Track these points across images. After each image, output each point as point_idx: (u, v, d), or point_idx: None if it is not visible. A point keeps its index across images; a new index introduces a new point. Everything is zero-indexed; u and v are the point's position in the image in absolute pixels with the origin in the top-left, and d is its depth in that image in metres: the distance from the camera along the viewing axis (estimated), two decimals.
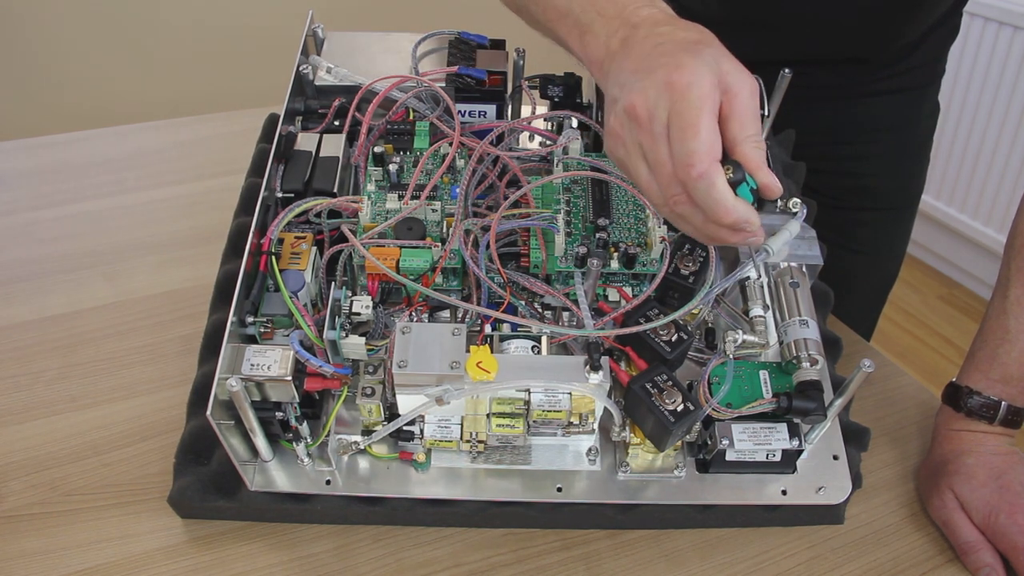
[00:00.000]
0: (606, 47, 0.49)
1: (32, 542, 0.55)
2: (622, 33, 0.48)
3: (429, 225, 0.59)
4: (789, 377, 0.56)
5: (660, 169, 0.44)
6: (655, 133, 0.43)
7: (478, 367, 0.49)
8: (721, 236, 0.45)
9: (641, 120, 0.44)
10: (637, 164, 0.46)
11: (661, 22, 0.48)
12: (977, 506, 0.56)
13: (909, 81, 0.82)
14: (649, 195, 0.46)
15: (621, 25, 0.49)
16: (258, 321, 0.55)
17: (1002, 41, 1.72)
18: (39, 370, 0.68)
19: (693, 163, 0.41)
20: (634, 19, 0.48)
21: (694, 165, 0.41)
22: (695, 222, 0.45)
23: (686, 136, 0.41)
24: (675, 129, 0.42)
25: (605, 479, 0.56)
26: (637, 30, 0.47)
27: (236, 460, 0.53)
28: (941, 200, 1.98)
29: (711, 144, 0.42)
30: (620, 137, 0.46)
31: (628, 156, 0.46)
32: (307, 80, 0.71)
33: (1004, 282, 0.62)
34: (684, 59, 0.43)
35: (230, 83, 1.78)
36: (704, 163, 0.41)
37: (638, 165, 0.46)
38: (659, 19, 0.48)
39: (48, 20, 1.67)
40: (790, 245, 0.50)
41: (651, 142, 0.44)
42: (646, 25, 0.48)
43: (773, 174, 0.44)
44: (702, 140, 0.41)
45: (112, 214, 0.87)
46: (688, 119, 0.41)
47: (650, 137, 0.44)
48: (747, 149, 0.43)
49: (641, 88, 0.44)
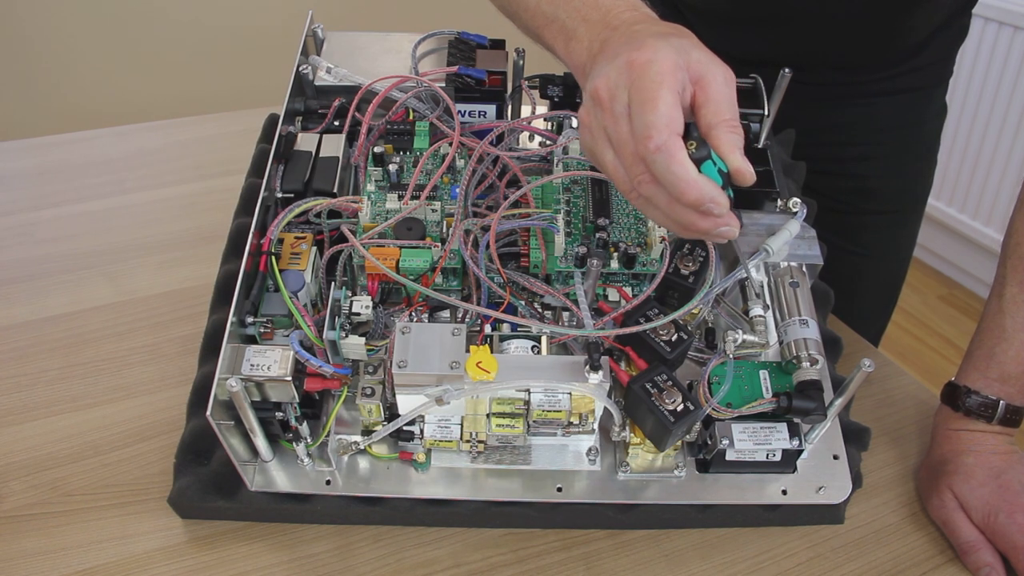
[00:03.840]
0: (588, 51, 0.49)
1: (32, 542, 0.55)
2: (603, 36, 0.48)
3: (429, 225, 0.59)
4: (789, 377, 0.56)
5: (623, 149, 0.43)
6: (616, 113, 0.43)
7: (478, 367, 0.49)
8: (690, 220, 0.43)
9: (603, 102, 0.44)
10: (603, 148, 0.45)
11: (640, 21, 0.48)
12: (976, 505, 0.56)
13: (916, 81, 0.82)
14: (616, 180, 0.45)
15: (603, 29, 0.49)
16: (258, 321, 0.55)
17: (1002, 41, 1.72)
18: (39, 370, 0.68)
19: (651, 135, 0.41)
20: (615, 22, 0.49)
21: (652, 137, 0.41)
22: (660, 204, 0.44)
23: (645, 110, 0.41)
24: (634, 104, 0.42)
25: (605, 479, 0.56)
26: (616, 31, 0.48)
27: (236, 460, 0.53)
28: (941, 200, 1.98)
29: (670, 117, 0.41)
30: (587, 125, 0.46)
31: (595, 142, 0.46)
32: (307, 80, 0.71)
33: (1000, 281, 0.62)
34: (647, 41, 0.43)
35: (230, 83, 1.79)
36: (662, 135, 0.41)
37: (604, 149, 0.45)
38: (638, 19, 0.48)
39: (49, 20, 1.67)
40: (790, 245, 0.50)
41: (613, 122, 0.43)
42: (624, 26, 0.48)
43: (746, 160, 0.43)
44: (660, 113, 0.41)
45: (112, 214, 0.87)
46: (647, 93, 0.41)
47: (612, 117, 0.43)
48: (720, 132, 0.43)
49: (604, 72, 0.44)
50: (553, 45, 0.54)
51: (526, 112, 0.76)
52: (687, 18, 0.84)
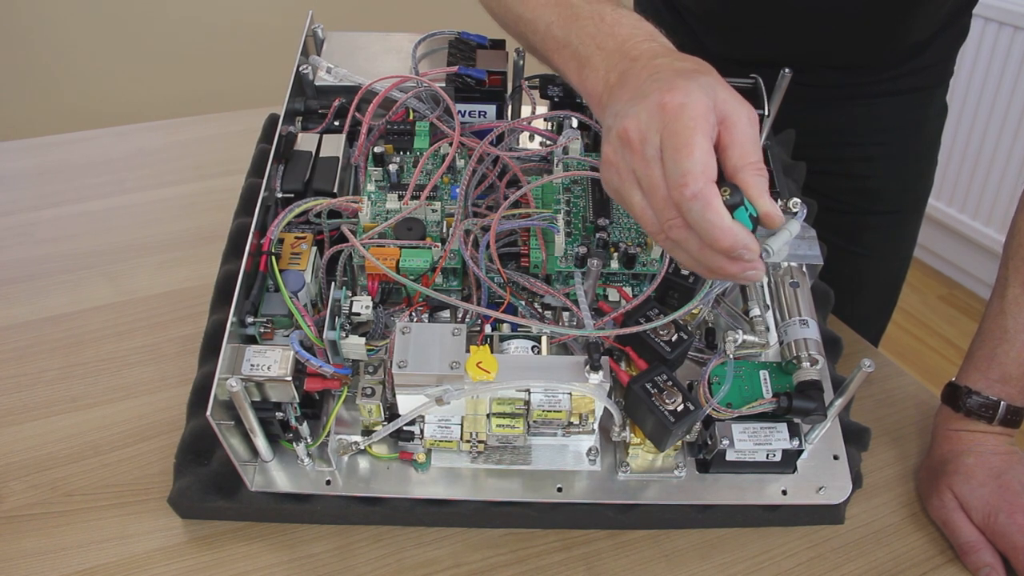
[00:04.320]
0: (605, 82, 0.48)
1: (32, 542, 0.55)
2: (621, 67, 0.47)
3: (429, 225, 0.59)
4: (789, 377, 0.56)
5: (654, 193, 0.43)
6: (648, 156, 0.42)
7: (478, 367, 0.49)
8: (718, 265, 0.43)
9: (634, 144, 0.43)
10: (631, 190, 0.44)
11: (660, 54, 0.47)
12: (977, 506, 0.56)
13: (917, 82, 0.82)
14: (644, 222, 0.45)
15: (621, 59, 0.48)
16: (258, 321, 0.55)
17: (1002, 41, 1.72)
18: (39, 370, 0.68)
19: (687, 183, 0.40)
20: (633, 53, 0.48)
21: (688, 185, 0.40)
22: (691, 248, 0.43)
23: (680, 156, 0.40)
24: (668, 150, 0.41)
25: (605, 479, 0.56)
26: (635, 63, 0.47)
27: (236, 460, 0.53)
28: (941, 200, 1.98)
29: (706, 164, 0.41)
30: (614, 165, 0.45)
31: (622, 183, 0.45)
32: (307, 80, 0.71)
33: (1002, 282, 0.62)
34: (677, 82, 0.42)
35: (230, 83, 1.79)
36: (699, 182, 0.40)
37: (632, 191, 0.44)
38: (658, 52, 0.47)
39: (49, 20, 1.67)
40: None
41: (644, 166, 0.43)
42: (644, 58, 0.47)
43: (775, 203, 0.43)
44: (696, 159, 0.40)
45: (112, 214, 0.87)
46: (682, 139, 0.41)
47: (643, 161, 0.43)
48: (747, 176, 0.42)
49: (634, 113, 0.43)
50: (565, 70, 0.54)
51: (526, 112, 0.76)
52: (688, 21, 0.84)
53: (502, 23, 0.63)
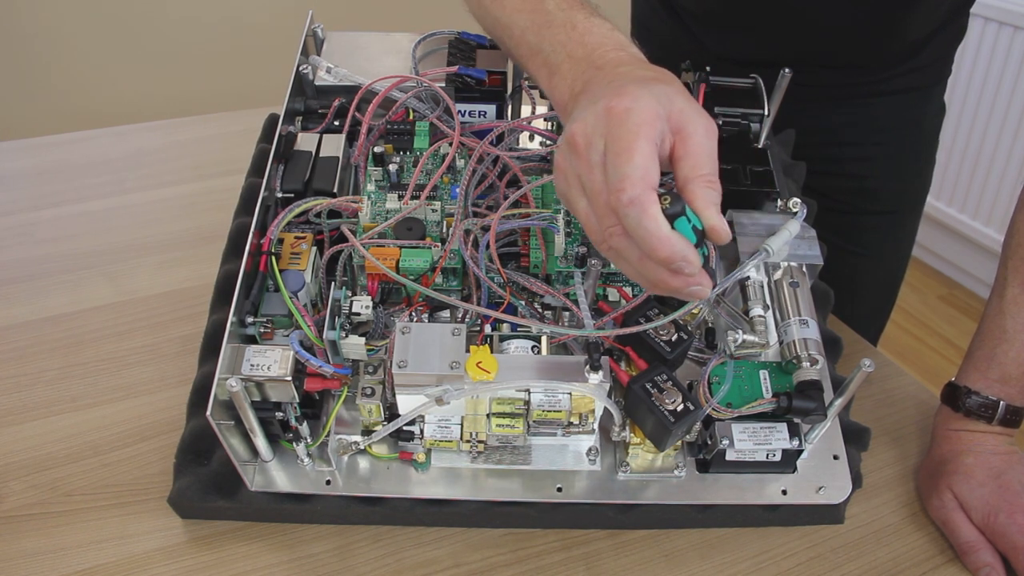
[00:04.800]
0: (571, 90, 0.48)
1: (32, 542, 0.55)
2: (587, 76, 0.47)
3: (429, 225, 0.59)
4: (789, 377, 0.56)
5: (596, 199, 0.42)
6: (592, 161, 0.42)
7: (478, 367, 0.49)
8: (660, 278, 0.42)
9: (579, 149, 0.42)
10: (577, 196, 0.44)
11: (625, 63, 0.47)
12: (976, 506, 0.56)
13: (915, 81, 0.82)
14: (588, 229, 0.44)
15: (587, 68, 0.48)
16: (258, 321, 0.55)
17: (1002, 41, 1.72)
18: (39, 370, 0.68)
19: (624, 187, 0.39)
20: (600, 62, 0.47)
21: (625, 189, 0.39)
22: (631, 258, 0.42)
23: (620, 160, 0.40)
24: (610, 154, 0.40)
25: (605, 479, 0.56)
26: (600, 72, 0.46)
27: (236, 460, 0.53)
28: (941, 200, 1.98)
29: (646, 170, 0.39)
30: (562, 170, 0.44)
31: (569, 189, 0.44)
32: (307, 80, 0.71)
33: (1001, 282, 0.62)
34: (628, 88, 0.42)
35: (230, 83, 1.78)
36: (636, 188, 0.39)
37: (578, 197, 0.44)
38: (624, 60, 0.47)
39: (49, 20, 1.67)
40: (790, 245, 0.50)
41: (588, 170, 0.42)
42: (609, 67, 0.46)
43: (722, 218, 0.41)
44: (636, 164, 0.39)
45: (112, 214, 0.87)
46: (624, 143, 0.40)
47: (587, 166, 0.42)
48: (695, 187, 0.41)
49: (582, 117, 0.42)
50: (537, 77, 0.53)
51: (526, 112, 0.76)
52: (686, 22, 0.84)
53: (482, 24, 0.63)
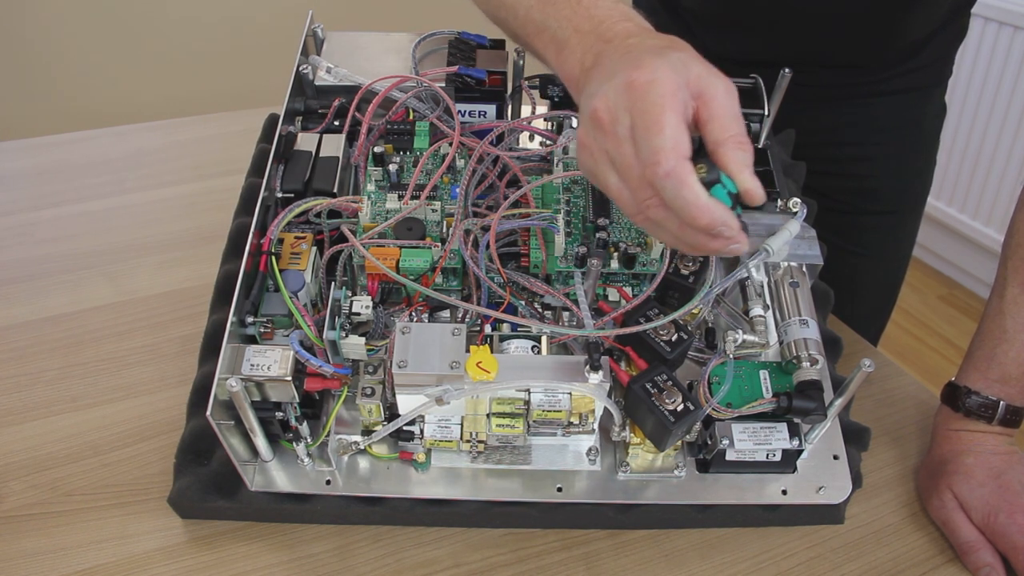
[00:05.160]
0: (580, 64, 0.48)
1: (32, 542, 0.55)
2: (596, 49, 0.47)
3: (429, 225, 0.59)
4: (789, 377, 0.56)
5: (628, 173, 0.42)
6: (619, 136, 0.42)
7: (478, 367, 0.49)
8: (700, 243, 0.42)
9: (604, 124, 0.42)
10: (606, 172, 0.44)
11: (633, 34, 0.47)
12: (976, 506, 0.56)
13: (915, 81, 0.82)
14: (621, 204, 0.44)
15: (596, 41, 0.48)
16: (258, 321, 0.55)
17: (1002, 41, 1.72)
18: (39, 370, 0.68)
19: (659, 160, 0.40)
20: (608, 34, 0.47)
21: (660, 163, 0.40)
22: (670, 228, 0.43)
23: (650, 134, 0.40)
24: (639, 128, 0.41)
25: (605, 479, 0.56)
26: (609, 44, 0.47)
27: (236, 460, 0.53)
28: (941, 200, 1.98)
29: (677, 140, 0.40)
30: (587, 147, 0.44)
31: (596, 165, 0.44)
32: (307, 80, 0.71)
33: (1001, 282, 0.62)
34: (645, 59, 0.42)
35: (230, 83, 1.78)
36: (671, 160, 0.39)
37: (607, 173, 0.44)
38: (632, 31, 0.47)
39: (48, 20, 1.67)
40: (790, 245, 0.49)
41: (616, 146, 0.42)
42: (618, 39, 0.47)
43: (756, 179, 0.42)
44: (667, 136, 0.39)
45: (112, 214, 0.87)
46: (651, 116, 0.40)
47: (615, 141, 0.42)
48: (727, 150, 0.41)
49: (603, 92, 0.43)
50: (544, 54, 0.54)
51: (526, 112, 0.76)
52: (686, 21, 0.84)
53: (486, 11, 0.63)
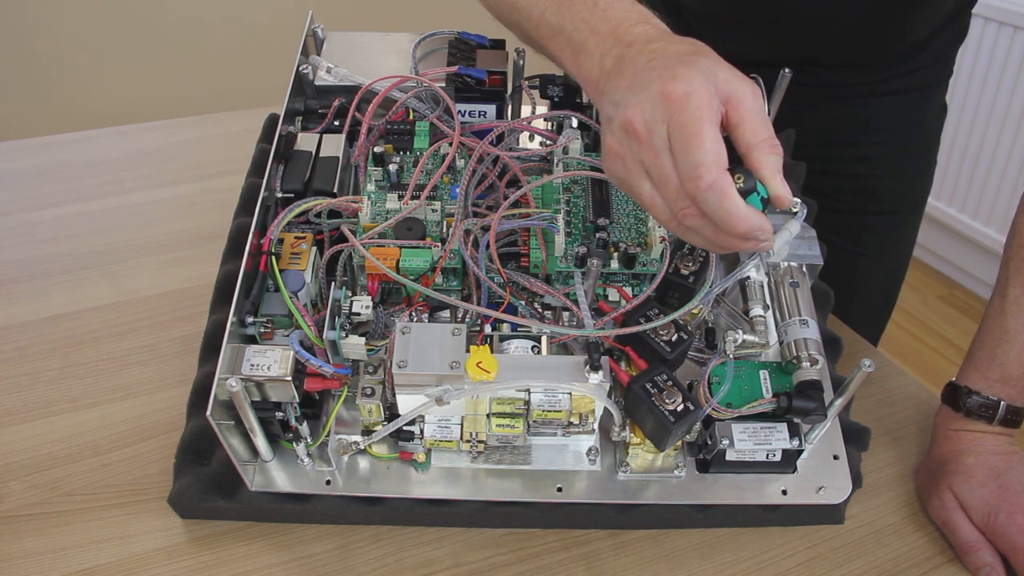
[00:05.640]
0: (600, 66, 0.48)
1: (32, 542, 0.55)
2: (616, 51, 0.47)
3: (429, 225, 0.59)
4: (789, 377, 0.56)
5: (666, 183, 0.43)
6: (656, 147, 0.42)
7: (478, 367, 0.49)
8: (732, 245, 0.44)
9: (640, 135, 0.43)
10: (640, 181, 0.44)
11: (655, 38, 0.47)
12: (976, 506, 0.56)
13: (915, 81, 0.81)
14: (654, 211, 0.45)
15: (615, 43, 0.48)
16: (258, 321, 0.55)
17: (1002, 41, 1.72)
18: (39, 370, 0.68)
19: (701, 175, 0.40)
20: (627, 37, 0.48)
21: (702, 177, 0.40)
22: (706, 234, 0.44)
23: (690, 147, 0.41)
24: (677, 141, 0.41)
25: (605, 479, 0.56)
26: (631, 48, 0.47)
27: (236, 460, 0.53)
28: (941, 200, 1.98)
29: (717, 153, 0.41)
30: (619, 155, 0.45)
31: (630, 174, 0.45)
32: (307, 80, 0.71)
33: (1003, 282, 0.62)
34: (678, 70, 0.42)
35: (230, 83, 1.78)
36: (712, 173, 0.40)
37: (641, 182, 0.44)
38: (652, 35, 0.47)
39: (48, 20, 1.67)
40: (790, 245, 0.50)
41: (653, 157, 0.43)
42: (639, 42, 0.47)
43: (786, 184, 0.43)
44: (708, 150, 0.40)
45: (112, 214, 0.87)
46: (690, 129, 0.41)
47: (651, 152, 0.43)
48: (761, 154, 0.42)
49: (637, 103, 0.43)
50: (560, 57, 0.54)
51: (526, 112, 0.76)
52: (687, 20, 0.84)
53: (497, 14, 0.63)
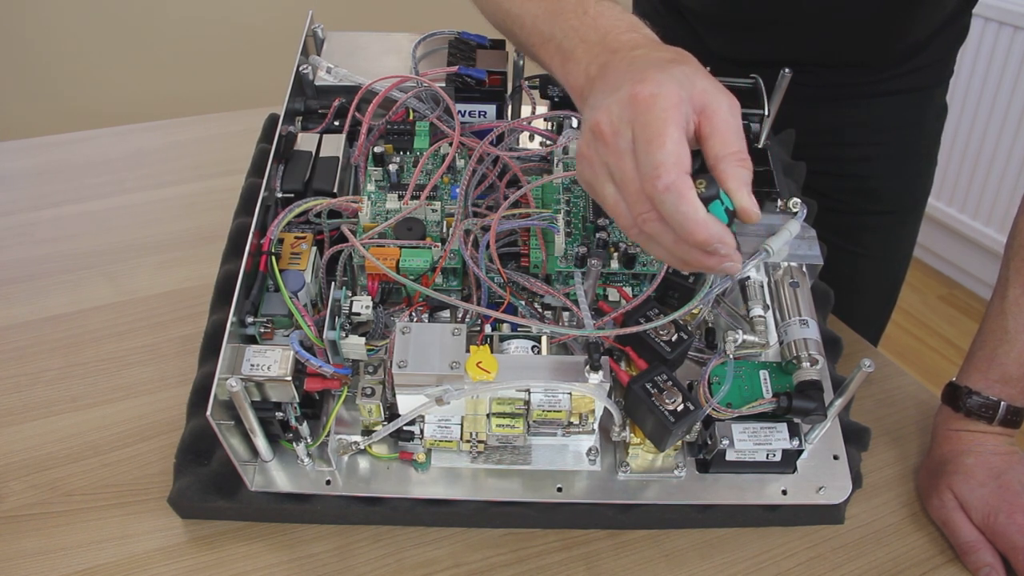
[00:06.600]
0: (586, 74, 0.48)
1: (32, 542, 0.55)
2: (602, 59, 0.47)
3: (429, 225, 0.59)
4: (789, 377, 0.56)
5: (627, 186, 0.42)
6: (620, 149, 0.42)
7: (478, 367, 0.49)
8: (694, 259, 0.42)
9: (606, 137, 0.42)
10: (604, 184, 0.44)
11: (640, 45, 0.47)
12: (976, 506, 0.56)
13: (916, 82, 0.81)
14: (617, 216, 0.44)
15: (602, 51, 0.48)
16: (258, 321, 0.55)
17: (1002, 41, 1.72)
18: (39, 370, 0.68)
19: (660, 174, 0.39)
20: (614, 45, 0.47)
21: (661, 176, 0.39)
22: (666, 242, 0.42)
23: (652, 147, 0.40)
24: (640, 142, 0.41)
25: (605, 479, 0.56)
26: (616, 55, 0.46)
27: (236, 460, 0.53)
28: (941, 200, 1.98)
29: (679, 155, 0.40)
30: (586, 158, 0.44)
31: (595, 177, 0.44)
32: (307, 80, 0.71)
33: (1003, 283, 0.62)
34: (649, 73, 0.42)
35: (230, 83, 1.79)
36: (671, 174, 0.39)
37: (605, 185, 0.44)
38: (638, 43, 0.47)
39: (48, 20, 1.67)
40: (790, 245, 0.49)
41: (616, 159, 0.42)
42: (624, 50, 0.46)
43: (753, 198, 0.42)
44: (668, 151, 0.39)
45: (112, 214, 0.87)
46: (654, 129, 0.40)
47: (615, 154, 0.42)
48: (727, 166, 0.41)
49: (606, 105, 0.42)
50: (549, 65, 0.53)
51: (526, 112, 0.76)
52: (689, 21, 0.84)
53: (491, 19, 0.63)
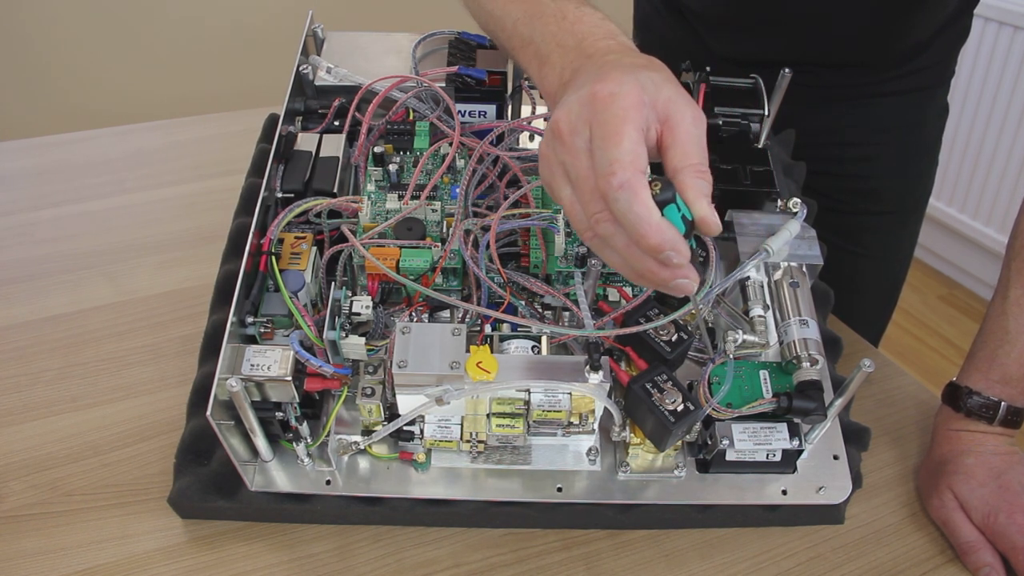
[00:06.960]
0: (559, 79, 0.48)
1: (32, 542, 0.55)
2: (575, 64, 0.47)
3: (429, 225, 0.59)
4: (789, 377, 0.56)
5: (582, 185, 0.41)
6: (577, 148, 0.41)
7: (478, 367, 0.49)
8: (648, 268, 0.41)
9: (564, 136, 0.42)
10: (561, 184, 0.43)
11: (614, 51, 0.46)
12: (976, 506, 0.56)
13: (917, 82, 0.81)
14: (572, 218, 0.43)
15: (577, 56, 0.47)
16: (258, 321, 0.55)
17: (1002, 41, 1.72)
18: (39, 370, 0.68)
19: (615, 171, 0.39)
20: (590, 50, 0.47)
21: (615, 173, 0.39)
22: (618, 246, 0.41)
23: (608, 144, 0.39)
24: (596, 139, 0.40)
25: (605, 479, 0.56)
26: (590, 60, 0.46)
27: (236, 460, 0.53)
28: (942, 200, 1.98)
29: (635, 154, 0.39)
30: (546, 158, 0.44)
31: (552, 176, 0.44)
32: (307, 80, 0.71)
33: (1004, 283, 0.62)
34: (612, 74, 0.41)
35: (230, 83, 1.79)
36: (627, 172, 0.39)
37: (562, 185, 0.43)
38: (612, 49, 0.47)
39: (49, 20, 1.67)
40: (790, 245, 0.49)
41: (573, 157, 0.42)
42: (598, 55, 0.46)
43: (713, 209, 0.41)
44: (624, 149, 0.39)
45: (112, 214, 0.87)
46: (611, 127, 0.39)
47: (572, 152, 0.42)
48: (685, 176, 0.41)
49: (566, 104, 0.42)
50: (527, 68, 0.53)
51: (526, 112, 0.76)
52: (689, 21, 0.84)
53: (477, 20, 0.63)
